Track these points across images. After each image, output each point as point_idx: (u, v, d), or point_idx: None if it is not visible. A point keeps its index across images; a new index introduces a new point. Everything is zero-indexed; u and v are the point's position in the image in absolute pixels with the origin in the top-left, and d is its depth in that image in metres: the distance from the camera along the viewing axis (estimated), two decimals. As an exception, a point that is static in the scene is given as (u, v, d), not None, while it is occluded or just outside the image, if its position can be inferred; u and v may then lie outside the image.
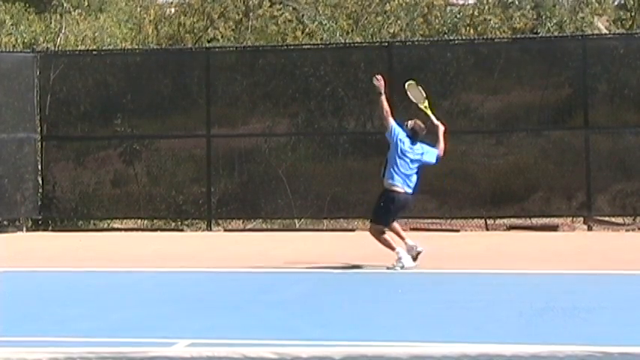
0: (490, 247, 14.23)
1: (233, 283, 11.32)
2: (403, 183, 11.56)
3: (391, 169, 11.59)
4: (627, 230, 16.20)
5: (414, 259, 11.45)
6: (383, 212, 11.65)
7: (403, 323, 8.63)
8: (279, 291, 10.52)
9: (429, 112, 12.23)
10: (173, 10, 25.24)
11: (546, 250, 13.76)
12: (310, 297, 10.21)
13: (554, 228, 16.23)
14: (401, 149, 11.56)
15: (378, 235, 11.63)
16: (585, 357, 4.67)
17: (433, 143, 11.94)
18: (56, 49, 21.06)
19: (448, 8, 23.21)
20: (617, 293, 10.19)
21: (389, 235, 11.65)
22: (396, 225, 11.72)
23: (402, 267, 11.33)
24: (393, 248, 11.47)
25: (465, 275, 11.46)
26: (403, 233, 11.78)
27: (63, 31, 22.34)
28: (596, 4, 23.59)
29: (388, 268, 11.38)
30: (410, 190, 11.63)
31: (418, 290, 10.59)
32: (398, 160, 11.56)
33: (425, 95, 12.39)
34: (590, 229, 16.25)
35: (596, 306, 9.29)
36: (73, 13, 23.21)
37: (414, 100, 12.39)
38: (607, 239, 15.10)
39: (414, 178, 11.64)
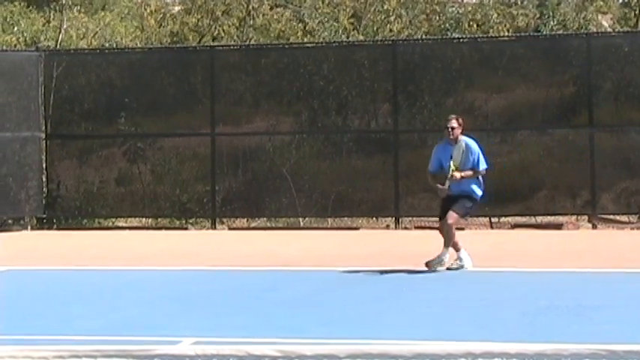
0: (494, 245, 14.22)
1: (238, 281, 11.32)
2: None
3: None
4: (632, 228, 16.19)
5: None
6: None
7: (407, 321, 8.62)
8: (283, 289, 10.52)
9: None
10: (177, 8, 25.24)
11: (551, 249, 13.75)
12: (315, 295, 10.20)
13: (558, 226, 16.22)
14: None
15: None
16: (590, 355, 4.67)
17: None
18: (58, 46, 21.06)
19: (449, 5, 23.20)
20: (621, 291, 10.18)
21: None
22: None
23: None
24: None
25: (470, 273, 11.45)
26: None
27: (64, 27, 22.34)
28: (601, 2, 23.60)
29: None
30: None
31: (422, 289, 10.58)
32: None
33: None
34: (594, 227, 16.24)
35: (601, 304, 9.28)
36: (73, 10, 23.22)
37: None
38: (611, 237, 15.09)
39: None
